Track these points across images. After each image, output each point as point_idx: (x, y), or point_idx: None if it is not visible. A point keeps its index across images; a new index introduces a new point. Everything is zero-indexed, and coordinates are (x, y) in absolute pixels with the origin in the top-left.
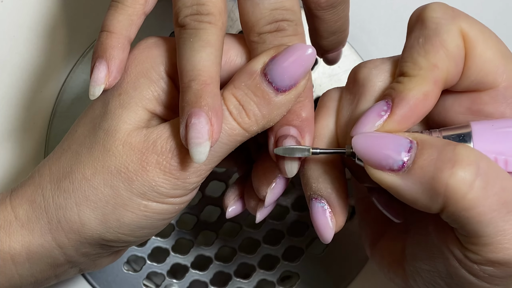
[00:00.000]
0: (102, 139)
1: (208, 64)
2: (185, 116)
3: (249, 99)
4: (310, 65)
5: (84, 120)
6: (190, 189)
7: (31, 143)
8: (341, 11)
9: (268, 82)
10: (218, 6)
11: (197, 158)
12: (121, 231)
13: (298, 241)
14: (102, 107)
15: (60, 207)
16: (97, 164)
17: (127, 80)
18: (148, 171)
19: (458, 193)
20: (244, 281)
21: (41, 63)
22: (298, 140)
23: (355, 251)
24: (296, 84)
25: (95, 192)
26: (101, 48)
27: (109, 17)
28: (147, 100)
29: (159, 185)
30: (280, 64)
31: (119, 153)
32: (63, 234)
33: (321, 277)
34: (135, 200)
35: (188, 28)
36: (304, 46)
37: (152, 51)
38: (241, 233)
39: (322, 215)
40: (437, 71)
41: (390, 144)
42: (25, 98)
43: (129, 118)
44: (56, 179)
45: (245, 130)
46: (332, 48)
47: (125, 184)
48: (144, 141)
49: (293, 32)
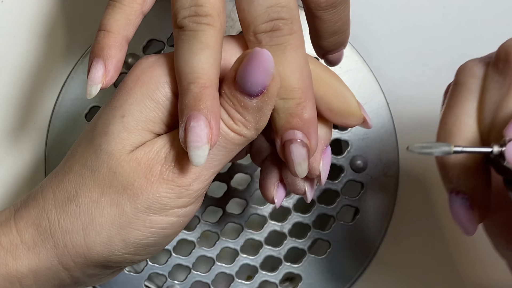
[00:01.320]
0: (106, 162)
1: (207, 67)
2: (184, 119)
3: (230, 107)
4: (270, 68)
5: (84, 141)
6: (194, 197)
7: (31, 143)
8: (341, 11)
9: (240, 89)
10: (216, 7)
11: (196, 161)
12: (127, 251)
13: (300, 243)
14: (103, 127)
15: (67, 231)
16: (104, 185)
17: (130, 102)
18: (152, 182)
19: None
20: (246, 282)
21: (41, 63)
22: (305, 143)
23: (358, 253)
24: (265, 87)
25: (101, 213)
26: (98, 47)
27: (107, 17)
28: (153, 123)
29: (163, 195)
30: (245, 72)
31: (126, 172)
32: (69, 258)
33: (323, 278)
34: (140, 216)
35: (187, 29)
36: (261, 50)
37: (156, 71)
38: (243, 234)
39: (463, 210)
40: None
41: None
42: (25, 98)
43: (134, 141)
44: (61, 202)
45: (238, 134)
46: (333, 48)
47: (131, 201)
48: (148, 153)
49: (288, 31)
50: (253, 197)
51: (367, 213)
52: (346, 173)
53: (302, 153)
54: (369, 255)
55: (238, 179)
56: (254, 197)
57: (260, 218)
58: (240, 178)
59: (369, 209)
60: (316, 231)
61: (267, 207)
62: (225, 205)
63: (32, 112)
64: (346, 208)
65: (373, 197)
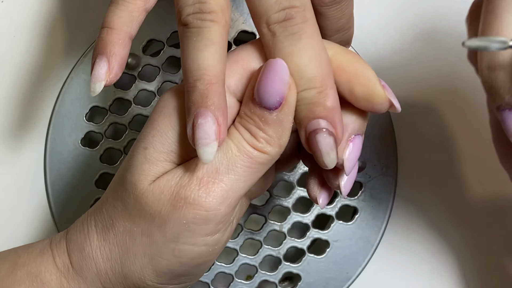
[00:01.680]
0: (131, 193)
1: (212, 64)
2: (191, 117)
3: (251, 125)
4: (285, 76)
5: (118, 173)
6: (222, 222)
7: (31, 143)
8: (345, 8)
9: (259, 105)
10: (221, 3)
11: (205, 159)
12: (159, 281)
13: (299, 242)
14: (129, 160)
15: (107, 259)
16: (134, 215)
17: (152, 134)
18: (178, 208)
19: None
20: (246, 282)
21: (41, 63)
22: (331, 131)
23: (357, 252)
24: (283, 97)
25: (133, 242)
26: (101, 44)
27: (110, 13)
28: (175, 154)
29: (190, 221)
30: (261, 85)
31: (150, 201)
32: (110, 285)
33: (322, 278)
34: (169, 245)
35: (191, 26)
36: (274, 61)
37: (178, 102)
38: (243, 234)
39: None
40: None
41: None
42: (25, 98)
43: (155, 172)
44: (101, 230)
45: (262, 152)
46: None
47: (159, 230)
48: (170, 180)
49: (301, 19)
50: None
51: (366, 212)
52: None
53: (329, 142)
54: (368, 254)
55: None
56: None
57: (260, 218)
58: None
59: (368, 209)
60: (315, 230)
61: (266, 206)
62: None
63: (32, 112)
64: (345, 207)
65: (371, 197)
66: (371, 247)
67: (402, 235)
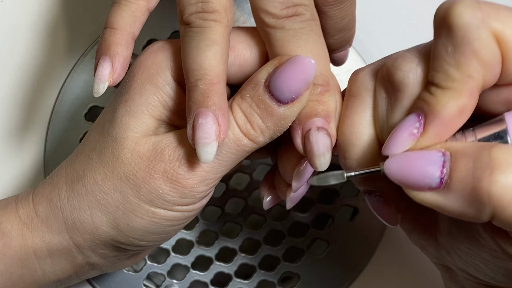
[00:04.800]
0: (111, 146)
1: (214, 63)
2: (192, 116)
3: (253, 111)
4: (310, 77)
5: (96, 125)
6: (198, 197)
7: (31, 143)
8: (348, 7)
9: (270, 94)
10: (223, 3)
11: (204, 158)
12: (132, 235)
13: (299, 242)
14: (111, 113)
15: (75, 209)
16: (107, 170)
17: (133, 87)
18: (155, 179)
19: (503, 199)
20: (245, 281)
21: (41, 63)
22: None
23: (356, 252)
24: (299, 96)
25: (105, 197)
26: (105, 45)
27: (113, 14)
28: (153, 107)
29: (166, 193)
30: (280, 76)
31: (127, 160)
32: (78, 234)
33: (321, 278)
34: (143, 206)
35: (194, 26)
36: (304, 58)
37: (158, 56)
38: (242, 234)
39: (379, 206)
40: (471, 82)
41: (422, 163)
42: (25, 98)
43: (136, 126)
44: (70, 181)
45: (252, 141)
46: (339, 47)
47: (133, 191)
48: (152, 150)
49: (311, 16)
50: (252, 196)
51: (366, 212)
52: None
53: (326, 142)
54: (367, 254)
55: (237, 178)
56: (253, 197)
57: (259, 218)
58: (239, 178)
59: (368, 209)
60: (314, 230)
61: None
62: (224, 204)
63: (32, 112)
64: (345, 207)
65: None
66: (370, 248)
67: (402, 236)
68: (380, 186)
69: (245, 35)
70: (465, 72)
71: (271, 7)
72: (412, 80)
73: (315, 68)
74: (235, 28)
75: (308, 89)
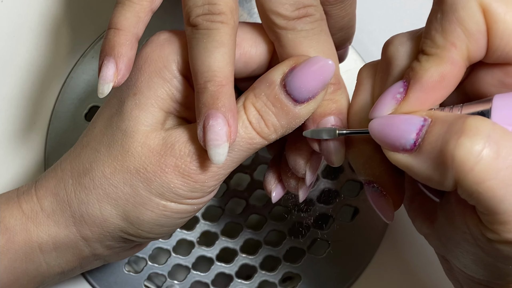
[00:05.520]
0: (120, 139)
1: (222, 65)
2: (202, 118)
3: (268, 110)
4: (329, 78)
5: (101, 117)
6: (208, 191)
7: (31, 143)
8: (349, 6)
9: (287, 93)
10: (230, 5)
11: (216, 160)
12: (141, 228)
13: (299, 242)
14: (119, 106)
15: (82, 203)
16: (116, 164)
17: (141, 80)
18: (166, 173)
19: (465, 164)
20: (246, 282)
21: (42, 63)
22: None
23: (357, 252)
24: (315, 96)
25: (115, 190)
26: (109, 46)
27: (116, 14)
28: (162, 99)
29: (177, 187)
30: (299, 76)
31: (138, 154)
32: (86, 227)
33: (322, 278)
34: (154, 199)
35: (201, 28)
36: (324, 59)
37: (165, 50)
38: (243, 234)
39: (377, 197)
40: (454, 50)
41: (402, 125)
42: (25, 98)
43: (146, 119)
44: (76, 174)
45: (264, 139)
46: (339, 45)
47: (144, 184)
48: (163, 144)
49: (320, 17)
50: (252, 196)
51: (367, 212)
52: (345, 173)
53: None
54: (368, 254)
55: (238, 179)
56: (253, 197)
57: (260, 218)
58: (239, 178)
59: (369, 209)
60: (315, 230)
61: (266, 206)
62: (225, 205)
63: (32, 112)
64: (346, 207)
65: None
66: (371, 248)
67: (403, 235)
68: (379, 176)
69: (250, 32)
70: (448, 39)
71: (281, 8)
72: (401, 52)
73: (334, 69)
74: (240, 24)
75: (324, 89)
